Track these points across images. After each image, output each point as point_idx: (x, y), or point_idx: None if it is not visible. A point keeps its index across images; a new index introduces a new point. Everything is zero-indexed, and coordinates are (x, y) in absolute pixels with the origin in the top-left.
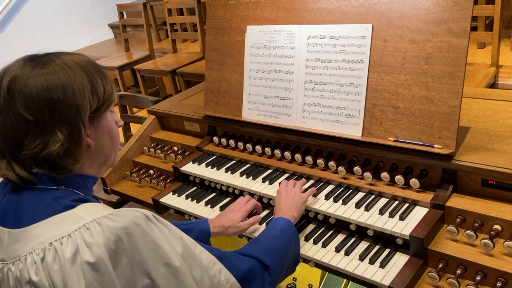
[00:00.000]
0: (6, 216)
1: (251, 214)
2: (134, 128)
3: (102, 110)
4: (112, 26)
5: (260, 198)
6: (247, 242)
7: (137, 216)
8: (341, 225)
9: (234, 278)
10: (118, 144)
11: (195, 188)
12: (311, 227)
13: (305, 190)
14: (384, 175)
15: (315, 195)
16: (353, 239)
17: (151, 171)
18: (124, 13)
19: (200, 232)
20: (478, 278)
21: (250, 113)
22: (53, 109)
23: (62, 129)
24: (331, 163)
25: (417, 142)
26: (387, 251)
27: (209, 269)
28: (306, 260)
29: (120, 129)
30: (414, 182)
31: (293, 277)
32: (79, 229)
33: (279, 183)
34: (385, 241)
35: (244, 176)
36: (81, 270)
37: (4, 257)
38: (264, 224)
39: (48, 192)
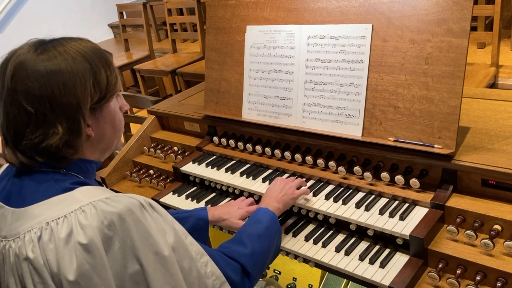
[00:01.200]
0: (10, 197)
1: None
2: (134, 128)
3: (104, 101)
4: (112, 26)
5: (260, 198)
6: (231, 238)
7: (132, 203)
8: (341, 225)
9: (220, 271)
10: (121, 130)
11: (195, 188)
12: (311, 227)
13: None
14: (384, 175)
15: (315, 195)
16: (353, 239)
17: (151, 171)
18: (124, 13)
19: (197, 220)
20: (478, 278)
21: (250, 113)
22: (54, 102)
23: (62, 122)
24: (331, 163)
25: (417, 142)
26: (387, 251)
27: (196, 260)
28: (306, 260)
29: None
30: (414, 182)
31: (293, 277)
32: (75, 211)
33: None
34: (385, 241)
35: (244, 176)
36: (73, 250)
37: (6, 234)
38: None
39: (49, 175)
